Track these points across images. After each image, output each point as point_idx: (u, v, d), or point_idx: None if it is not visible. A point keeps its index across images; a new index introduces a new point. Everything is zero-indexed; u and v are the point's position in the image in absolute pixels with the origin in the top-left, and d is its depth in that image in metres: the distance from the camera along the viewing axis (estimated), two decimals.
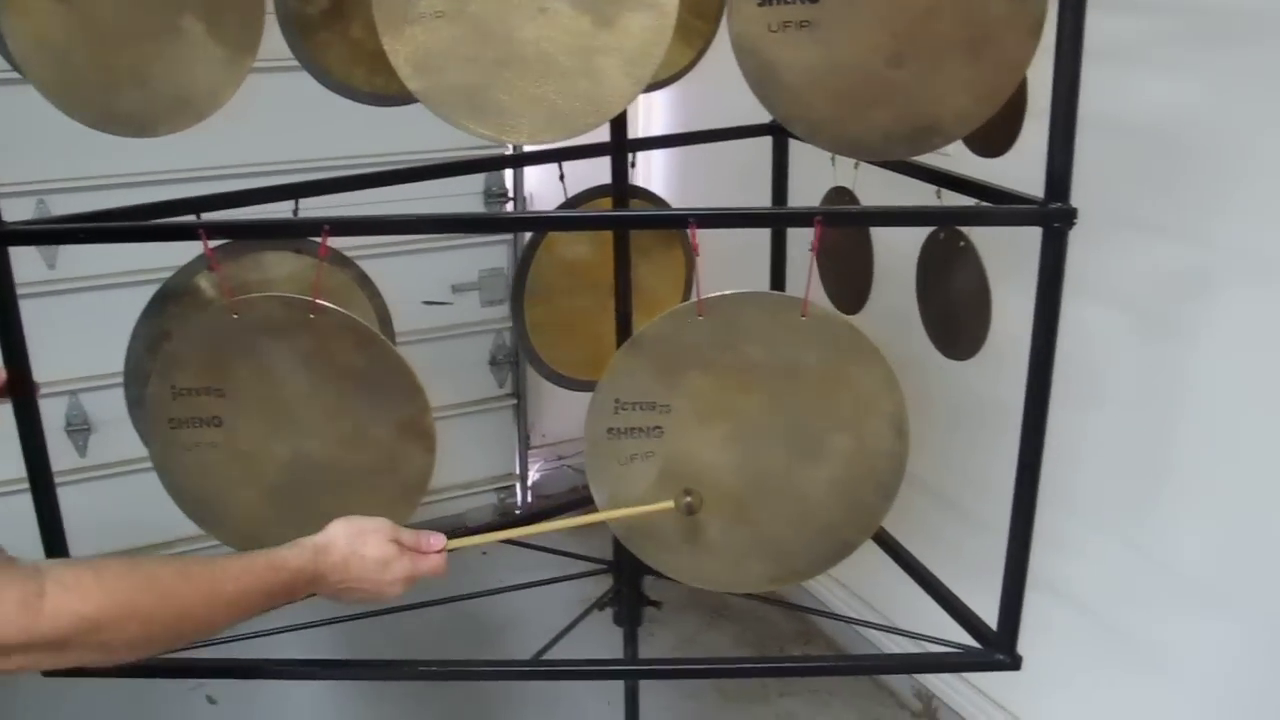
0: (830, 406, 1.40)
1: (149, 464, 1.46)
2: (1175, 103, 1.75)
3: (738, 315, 1.37)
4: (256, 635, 1.52)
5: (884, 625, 2.33)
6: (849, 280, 1.97)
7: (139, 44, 1.35)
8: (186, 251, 1.53)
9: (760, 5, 1.26)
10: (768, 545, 1.47)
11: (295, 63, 1.68)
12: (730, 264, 1.88)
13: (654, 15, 1.28)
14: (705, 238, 1.33)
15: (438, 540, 1.31)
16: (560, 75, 1.29)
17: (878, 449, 1.42)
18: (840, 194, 1.91)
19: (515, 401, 3.33)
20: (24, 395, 1.39)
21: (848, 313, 1.98)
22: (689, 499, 1.40)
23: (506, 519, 3.20)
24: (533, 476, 3.50)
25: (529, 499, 3.48)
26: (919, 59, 1.29)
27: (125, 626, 1.03)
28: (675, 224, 1.37)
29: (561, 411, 3.38)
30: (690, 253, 2.14)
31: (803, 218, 1.33)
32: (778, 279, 2.20)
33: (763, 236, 2.15)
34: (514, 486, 3.46)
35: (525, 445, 3.42)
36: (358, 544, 1.25)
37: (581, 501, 1.43)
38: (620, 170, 1.63)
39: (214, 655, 1.51)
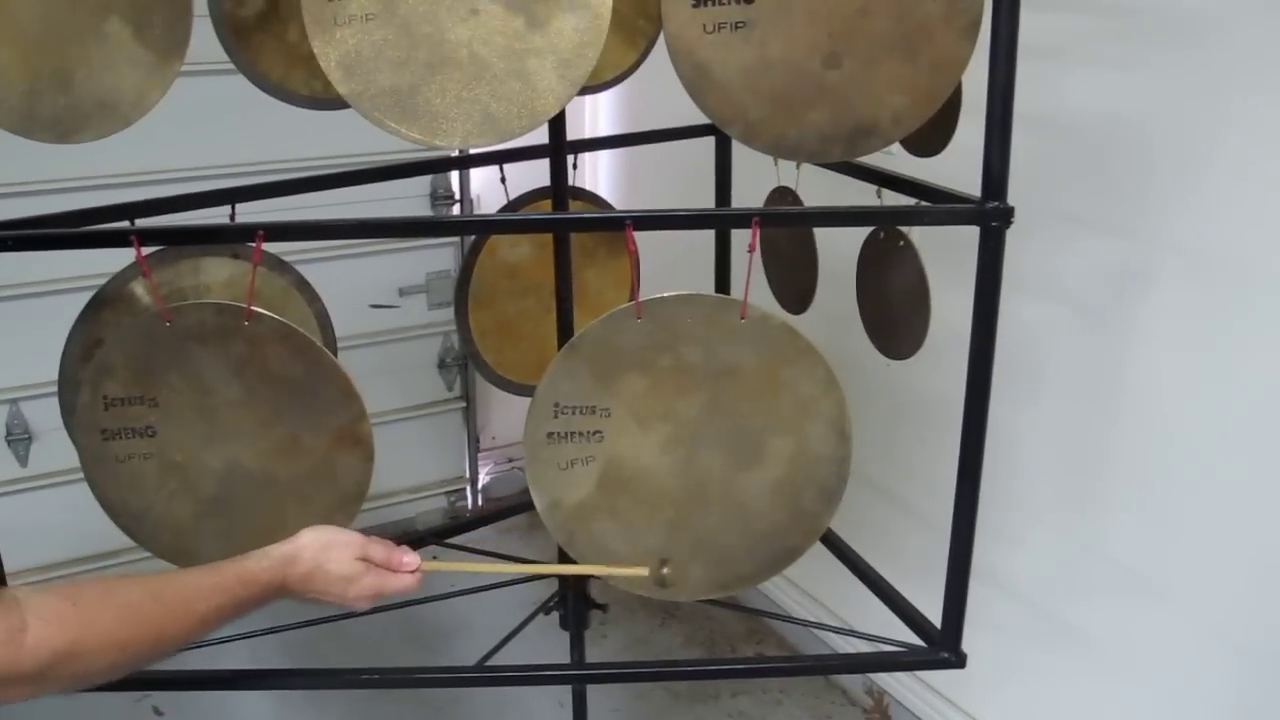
0: (770, 409, 1.40)
1: (75, 477, 1.43)
2: (1111, 100, 1.77)
3: (676, 317, 1.36)
4: (203, 645, 1.50)
5: (833, 626, 2.34)
6: (793, 281, 1.97)
7: (63, 47, 1.32)
8: (125, 257, 1.50)
9: (694, 6, 1.26)
10: (710, 550, 1.46)
11: (231, 65, 1.65)
12: (675, 265, 1.88)
13: (587, 16, 1.27)
14: (650, 239, 1.33)
15: (410, 561, 1.31)
16: (493, 78, 1.28)
17: (819, 453, 1.42)
18: (783, 194, 1.91)
19: (464, 405, 3.32)
20: None
21: (793, 313, 1.98)
22: (665, 570, 1.40)
23: (458, 522, 3.17)
24: (483, 479, 3.49)
25: (479, 502, 3.47)
26: (854, 60, 1.29)
27: (103, 655, 1.03)
28: (612, 225, 1.36)
29: (511, 414, 3.37)
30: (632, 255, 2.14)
31: (740, 219, 1.33)
32: (722, 280, 2.20)
33: (707, 238, 2.14)
34: (464, 490, 3.45)
35: (475, 448, 3.41)
36: (323, 558, 1.25)
37: (532, 505, 1.42)
38: (559, 172, 1.62)
39: (160, 667, 1.48)
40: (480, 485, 3.48)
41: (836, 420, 1.41)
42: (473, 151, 2.08)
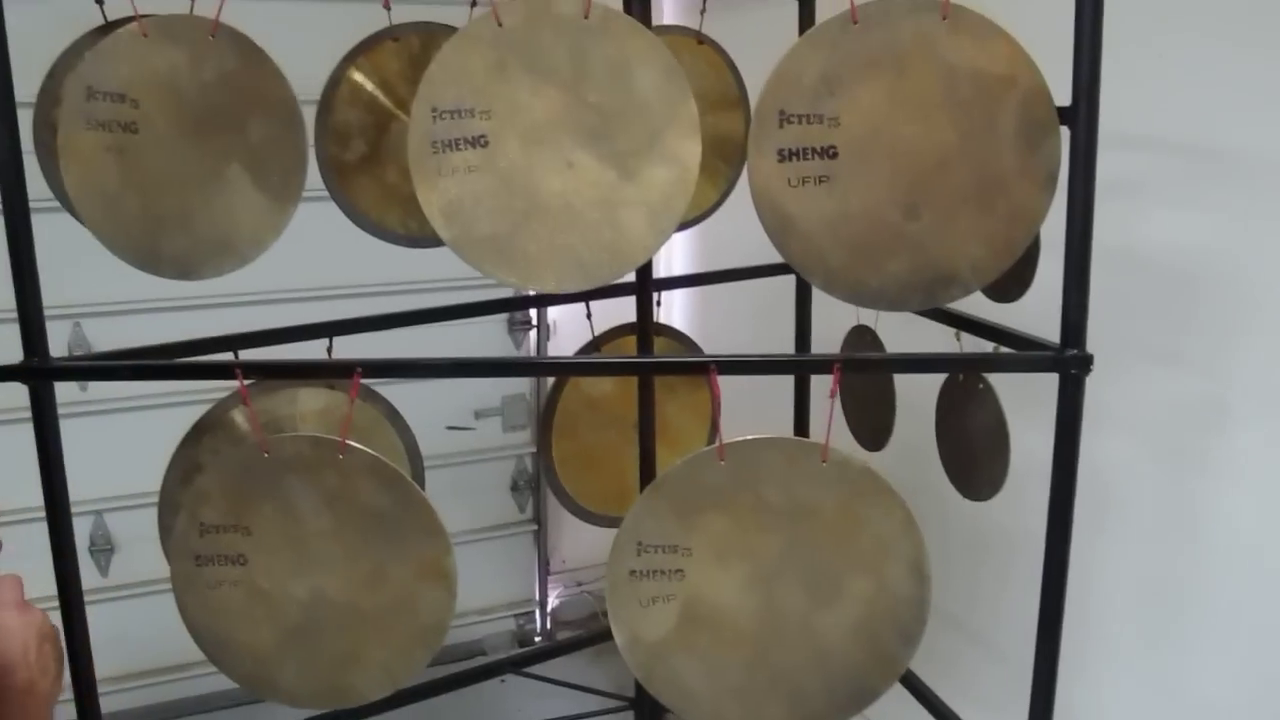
0: (849, 550, 1.41)
1: (169, 585, 1.47)
2: (1189, 237, 1.79)
3: (758, 459, 1.38)
4: None
5: None
6: (870, 419, 1.99)
7: (186, 191, 1.42)
8: (222, 381, 1.57)
9: (780, 161, 1.31)
10: (787, 689, 1.45)
11: (326, 192, 1.74)
12: (754, 395, 1.91)
13: (677, 169, 1.33)
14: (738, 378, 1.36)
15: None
16: (585, 226, 1.34)
17: (898, 594, 1.42)
18: (861, 333, 1.94)
19: (536, 527, 3.33)
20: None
21: (870, 450, 1.99)
22: None
23: (529, 651, 3.16)
24: (552, 602, 3.48)
25: (548, 625, 3.46)
26: (933, 211, 1.33)
27: None
28: (696, 370, 1.40)
29: (581, 538, 3.37)
30: (715, 398, 2.18)
31: (821, 364, 1.36)
32: (800, 417, 2.22)
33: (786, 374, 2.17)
34: (533, 612, 3.44)
35: (545, 571, 3.41)
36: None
37: (602, 629, 1.43)
38: (645, 313, 1.67)
39: None
40: (550, 608, 3.47)
41: (916, 562, 1.41)
42: None
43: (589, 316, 2.00)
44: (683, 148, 1.33)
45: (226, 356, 1.59)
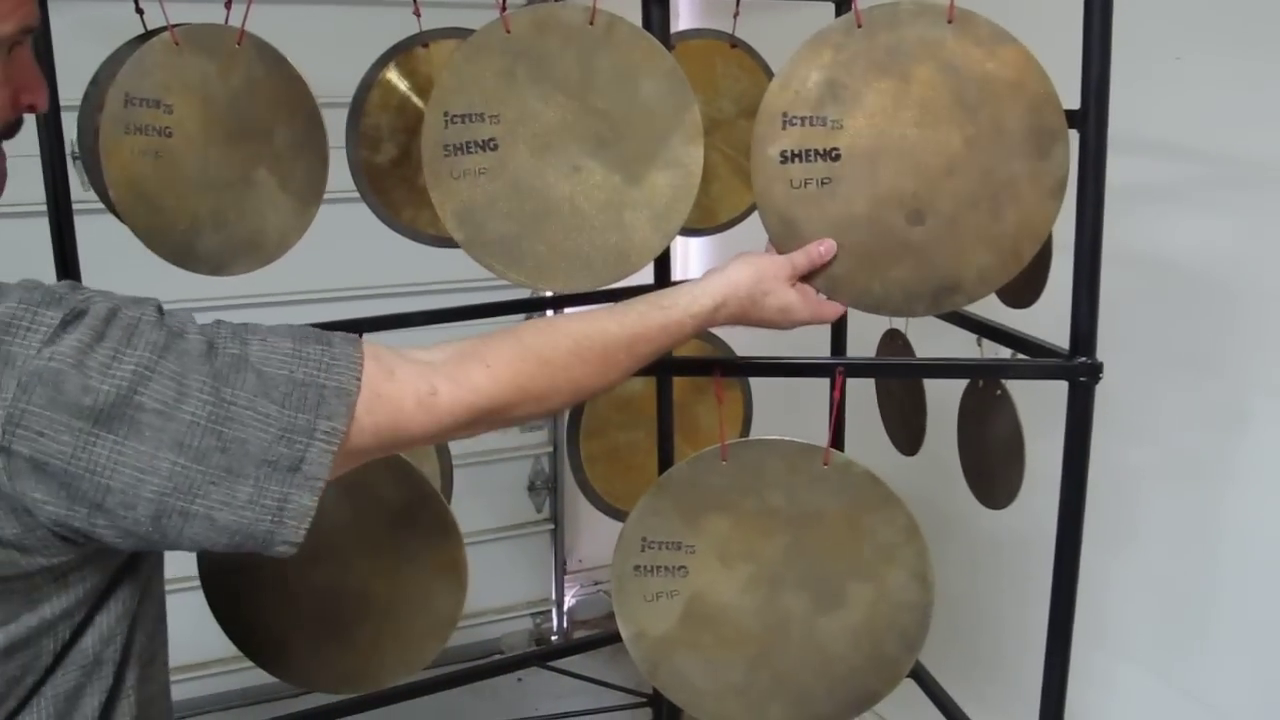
0: (852, 554, 1.41)
1: (191, 584, 1.52)
2: (1210, 243, 1.76)
3: (761, 461, 1.40)
4: None
5: None
6: (905, 424, 1.98)
7: (219, 193, 1.47)
8: None
9: (782, 163, 1.32)
10: (790, 690, 1.47)
11: (357, 194, 1.80)
12: (789, 402, 1.92)
13: (680, 174, 1.36)
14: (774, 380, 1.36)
15: (828, 248, 1.32)
16: (592, 229, 1.37)
17: (901, 599, 1.42)
18: (893, 338, 1.94)
19: (552, 527, 3.37)
20: None
21: (906, 454, 1.98)
22: None
23: (546, 648, 3.19)
24: (569, 602, 3.51)
25: (565, 624, 3.49)
26: (939, 217, 1.33)
27: (521, 406, 1.06)
28: (701, 371, 1.42)
29: (598, 537, 3.40)
30: (747, 393, 2.19)
31: (824, 368, 1.37)
32: (837, 421, 2.21)
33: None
34: (550, 612, 3.48)
35: (562, 570, 3.44)
36: (758, 292, 1.26)
37: (618, 629, 1.46)
38: None
39: None
40: (566, 607, 3.50)
41: (918, 568, 1.41)
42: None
43: None
44: (686, 153, 1.35)
45: None
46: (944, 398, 1.90)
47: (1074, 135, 1.32)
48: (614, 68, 1.34)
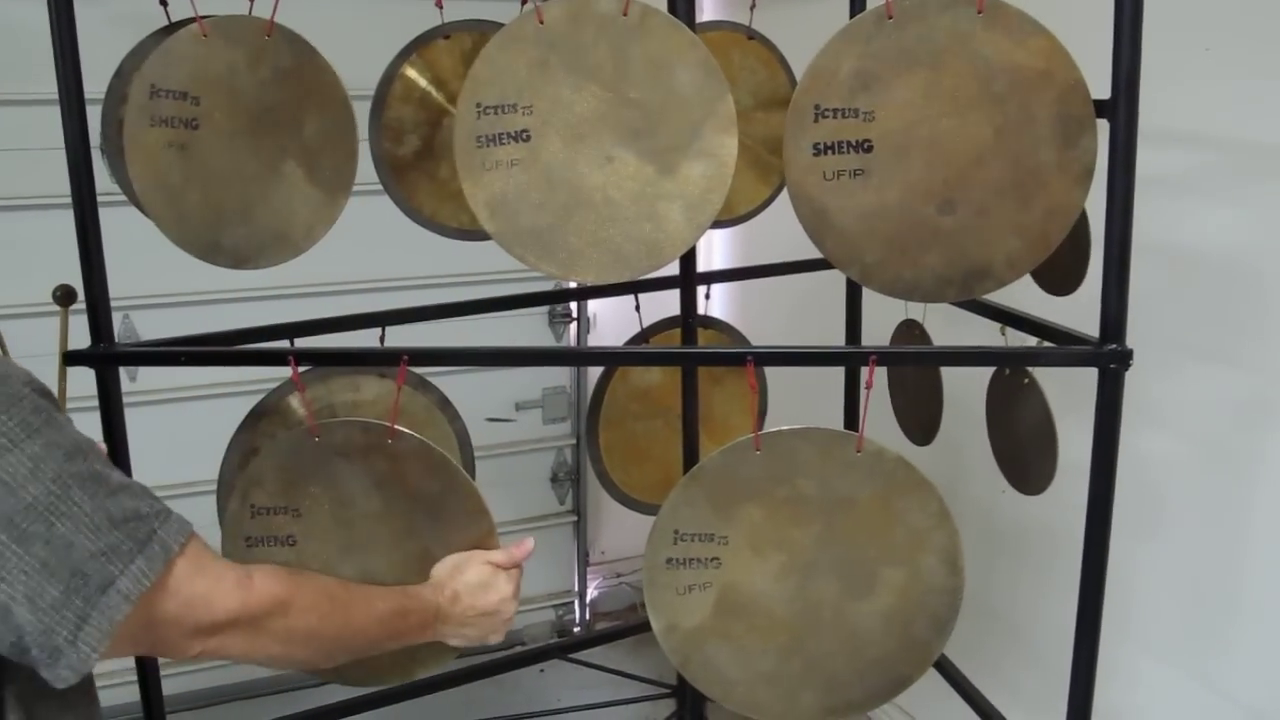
0: (883, 540, 1.42)
1: None
2: (1237, 233, 1.77)
3: (793, 450, 1.41)
4: None
5: None
6: (918, 414, 1.99)
7: (245, 185, 1.47)
8: (281, 370, 1.63)
9: (815, 155, 1.33)
10: (821, 676, 1.47)
11: (379, 187, 1.80)
12: (808, 391, 1.92)
13: (714, 164, 1.36)
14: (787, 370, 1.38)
15: (528, 544, 1.47)
16: (625, 220, 1.37)
17: (932, 584, 1.43)
18: (910, 328, 1.95)
19: (575, 519, 3.37)
20: None
21: (918, 445, 2.00)
22: None
23: (569, 639, 3.20)
24: (591, 594, 3.52)
25: (588, 616, 3.50)
26: (969, 206, 1.34)
27: (307, 615, 1.16)
28: (733, 361, 1.42)
29: (621, 529, 3.41)
30: (762, 383, 2.20)
31: (858, 357, 1.38)
32: (851, 412, 2.22)
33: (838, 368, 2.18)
34: (573, 603, 3.48)
35: (584, 562, 3.45)
36: (458, 575, 1.40)
37: (641, 621, 1.46)
38: (689, 306, 1.69)
39: None
40: (589, 599, 3.51)
41: (949, 553, 1.42)
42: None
43: (637, 309, 2.03)
44: (720, 143, 1.35)
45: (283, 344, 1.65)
46: (959, 387, 1.91)
47: (1104, 126, 1.33)
48: (647, 58, 1.35)
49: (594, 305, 3.13)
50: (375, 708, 1.83)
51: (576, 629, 3.45)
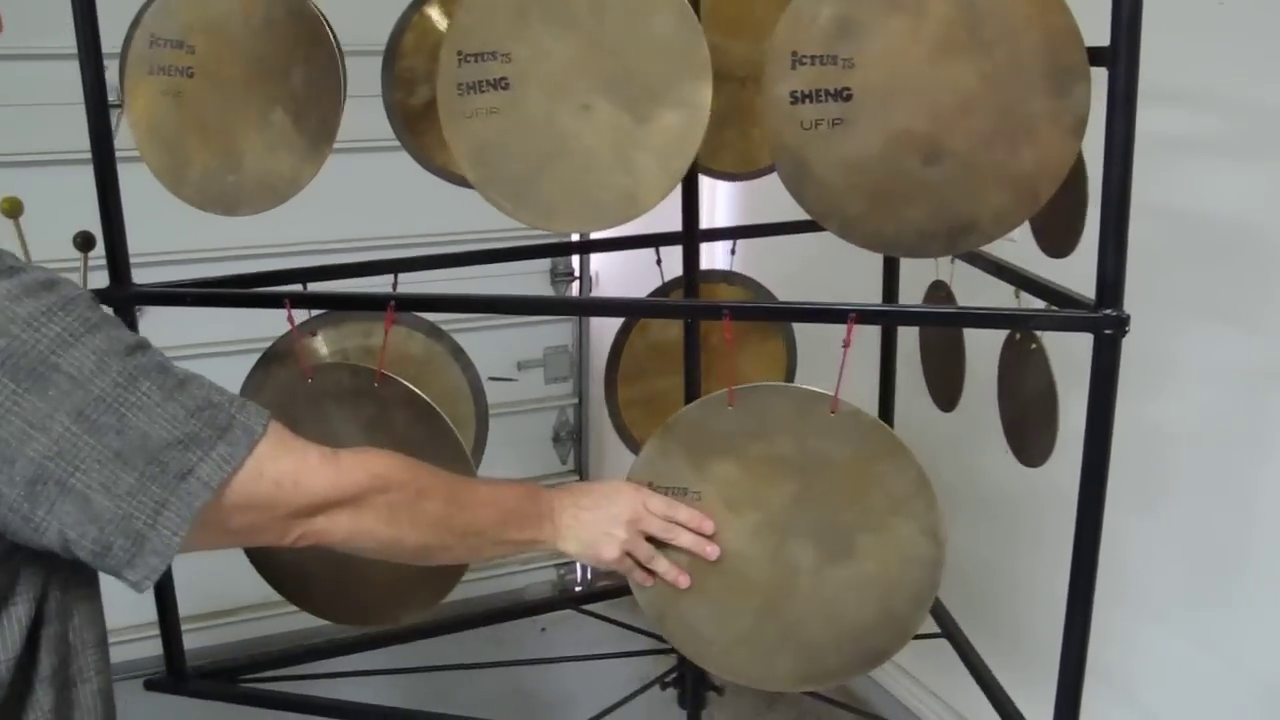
0: (860, 506, 1.38)
1: None
2: (1243, 195, 1.68)
3: (768, 407, 1.38)
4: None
5: None
6: (945, 379, 1.93)
7: (235, 134, 1.49)
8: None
9: (793, 103, 1.29)
10: (796, 642, 1.45)
11: (393, 143, 1.82)
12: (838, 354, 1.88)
13: (689, 112, 1.33)
14: (818, 328, 1.36)
15: (702, 522, 1.41)
16: (600, 169, 1.36)
17: (910, 554, 1.38)
18: (938, 289, 1.88)
19: (577, 478, 3.38)
20: None
21: (944, 410, 1.93)
22: None
23: (568, 595, 3.21)
24: None
25: (589, 575, 3.49)
26: (954, 157, 1.28)
27: (407, 491, 1.14)
28: (709, 315, 1.40)
29: None
30: (790, 341, 2.15)
31: (836, 314, 1.34)
32: (887, 372, 2.17)
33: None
34: (574, 563, 3.49)
35: None
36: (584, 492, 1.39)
37: None
38: (691, 259, 1.66)
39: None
40: None
41: (928, 522, 1.37)
42: (597, 236, 2.16)
43: (659, 263, 2.00)
44: (695, 91, 1.32)
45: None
46: (989, 354, 1.85)
47: (1103, 75, 1.26)
48: (625, 4, 1.32)
49: (596, 263, 3.09)
50: (382, 646, 1.86)
51: (578, 588, 3.45)
